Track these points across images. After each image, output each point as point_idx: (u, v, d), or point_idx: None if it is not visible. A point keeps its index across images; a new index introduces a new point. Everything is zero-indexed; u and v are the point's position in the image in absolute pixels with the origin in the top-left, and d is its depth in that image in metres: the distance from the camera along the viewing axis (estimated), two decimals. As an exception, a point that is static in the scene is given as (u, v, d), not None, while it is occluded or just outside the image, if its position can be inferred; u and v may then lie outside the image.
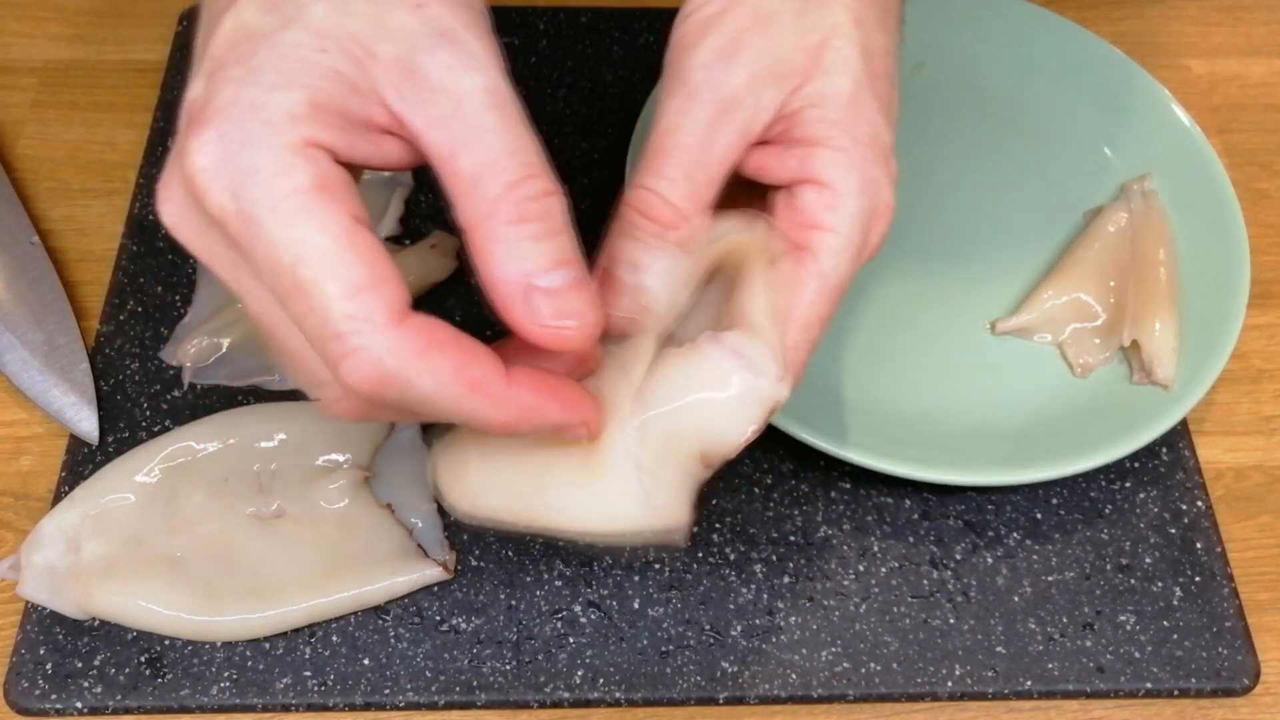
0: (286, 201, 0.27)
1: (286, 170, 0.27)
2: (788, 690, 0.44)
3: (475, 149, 0.29)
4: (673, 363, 0.35)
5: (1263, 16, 0.66)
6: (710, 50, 0.35)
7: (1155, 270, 0.51)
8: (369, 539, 0.45)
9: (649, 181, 0.35)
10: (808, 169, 0.35)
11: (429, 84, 0.29)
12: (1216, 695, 0.45)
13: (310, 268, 0.27)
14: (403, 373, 0.28)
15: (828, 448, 0.45)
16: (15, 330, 0.50)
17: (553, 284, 0.29)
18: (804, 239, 0.36)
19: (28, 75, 0.60)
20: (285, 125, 0.28)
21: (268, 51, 0.28)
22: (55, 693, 0.43)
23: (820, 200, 0.35)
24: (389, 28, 0.29)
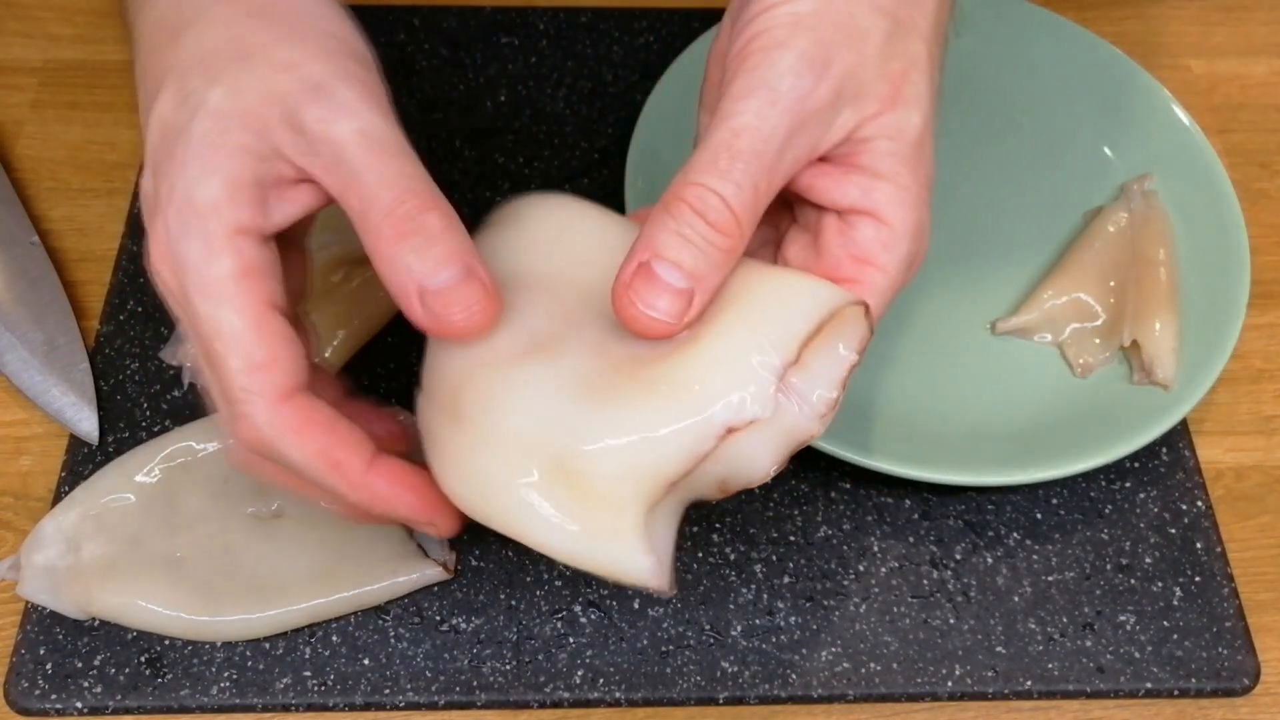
0: (212, 286, 0.33)
1: (213, 258, 0.33)
2: (788, 690, 0.44)
3: (357, 188, 0.33)
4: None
5: (1263, 16, 0.66)
6: (801, 56, 0.33)
7: (1155, 270, 0.51)
8: (369, 539, 0.45)
9: (713, 181, 0.33)
10: (871, 201, 0.35)
11: (312, 136, 0.33)
12: (1216, 695, 0.45)
13: (222, 342, 0.33)
14: (276, 443, 0.33)
15: (828, 448, 0.45)
16: (15, 330, 0.50)
17: (439, 283, 0.33)
18: (855, 273, 0.35)
19: (28, 75, 0.60)
20: (211, 215, 0.33)
21: (185, 145, 0.33)
22: (55, 693, 0.43)
23: (879, 237, 0.35)
24: (273, 94, 0.33)
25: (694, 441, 0.32)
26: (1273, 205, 0.59)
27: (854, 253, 0.35)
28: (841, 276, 0.35)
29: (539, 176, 0.56)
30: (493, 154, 0.57)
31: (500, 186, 0.56)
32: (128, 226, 0.54)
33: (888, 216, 0.35)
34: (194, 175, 0.33)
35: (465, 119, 0.58)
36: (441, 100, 0.59)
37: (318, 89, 0.33)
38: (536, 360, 0.34)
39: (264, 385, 0.33)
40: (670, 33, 0.61)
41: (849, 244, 0.35)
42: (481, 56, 0.60)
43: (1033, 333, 0.52)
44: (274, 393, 0.33)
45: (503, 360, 0.34)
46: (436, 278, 0.33)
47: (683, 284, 0.33)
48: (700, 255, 0.33)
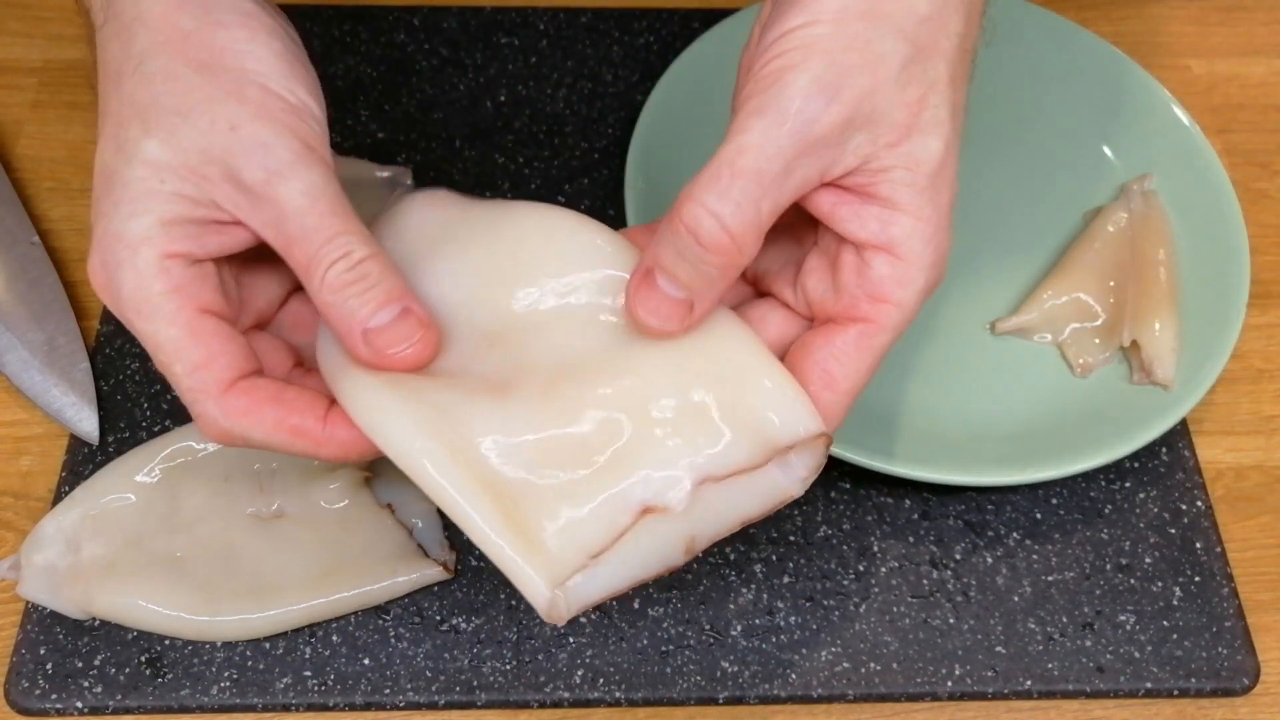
0: (144, 306, 0.35)
1: (144, 282, 0.35)
2: (788, 690, 0.44)
3: (300, 244, 0.35)
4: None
5: (1262, 17, 0.66)
6: (813, 79, 0.33)
7: (1155, 270, 0.51)
8: (369, 539, 0.45)
9: (710, 200, 0.34)
10: (888, 236, 0.35)
11: (255, 196, 0.35)
12: (1216, 695, 0.45)
13: (164, 353, 0.35)
14: (235, 428, 0.36)
15: (828, 448, 0.45)
16: (15, 330, 0.50)
17: (379, 323, 0.36)
18: (871, 311, 0.36)
19: (28, 75, 0.60)
20: (141, 247, 0.35)
21: (121, 188, 0.35)
22: (55, 692, 0.43)
23: (894, 274, 0.35)
24: (212, 151, 0.35)
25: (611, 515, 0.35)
26: (1272, 205, 0.59)
27: (870, 291, 0.35)
28: (858, 315, 0.36)
29: (539, 176, 0.56)
30: (493, 154, 0.57)
31: (500, 186, 0.56)
32: (128, 226, 0.54)
33: (904, 252, 0.35)
34: (126, 214, 0.35)
35: (465, 119, 0.58)
36: (441, 100, 0.59)
37: (262, 148, 0.35)
38: (493, 400, 0.36)
39: (206, 382, 0.35)
40: (670, 33, 0.61)
41: (866, 283, 0.35)
42: (481, 57, 0.60)
43: (1032, 333, 0.52)
44: (217, 386, 0.35)
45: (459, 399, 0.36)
46: (378, 317, 0.35)
47: (680, 295, 0.35)
48: (694, 271, 0.34)
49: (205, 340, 0.35)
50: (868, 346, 0.36)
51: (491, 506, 0.34)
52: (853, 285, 0.36)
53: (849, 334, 0.36)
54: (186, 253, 0.35)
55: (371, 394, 0.36)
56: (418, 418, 0.35)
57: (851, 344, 0.36)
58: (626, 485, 0.35)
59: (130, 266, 0.35)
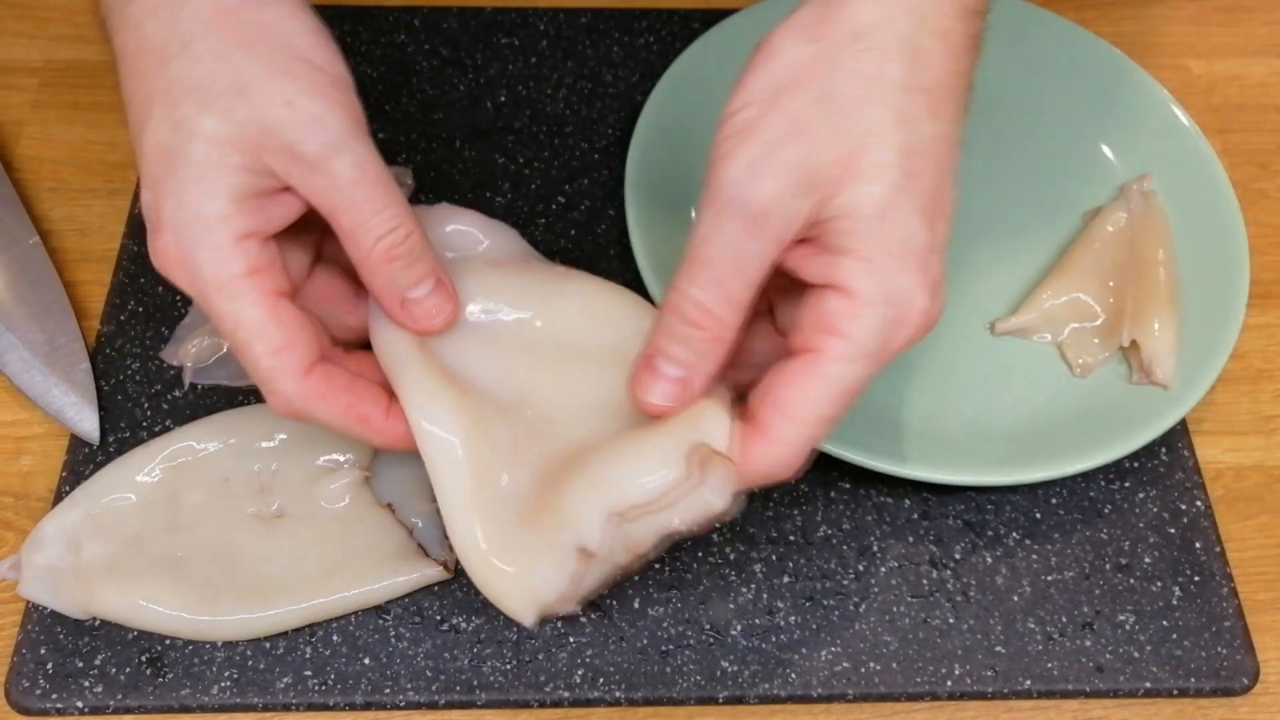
0: (226, 286, 0.37)
1: (224, 262, 0.37)
2: (787, 690, 0.44)
3: (350, 214, 0.38)
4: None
5: (1262, 17, 0.66)
6: (743, 164, 0.36)
7: (1154, 270, 0.51)
8: (369, 539, 0.45)
9: (684, 286, 0.38)
10: (833, 276, 0.37)
11: (309, 165, 0.37)
12: (1216, 695, 0.45)
13: (245, 332, 0.38)
14: (307, 409, 0.39)
15: (828, 448, 0.45)
16: (16, 330, 0.50)
17: (418, 295, 0.40)
18: (816, 342, 0.37)
19: (29, 75, 0.60)
20: (219, 225, 0.37)
21: (184, 165, 0.37)
22: (56, 692, 0.43)
23: (840, 308, 0.36)
24: (269, 125, 0.36)
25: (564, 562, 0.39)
26: (1272, 205, 0.59)
27: (818, 324, 0.37)
28: (808, 346, 0.37)
29: (539, 176, 0.56)
30: (493, 154, 0.57)
31: (500, 186, 0.56)
32: (128, 227, 0.54)
33: (850, 288, 0.36)
34: (198, 192, 0.37)
35: (465, 119, 0.58)
36: (441, 100, 0.59)
37: (316, 123, 0.37)
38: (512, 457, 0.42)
39: (288, 364, 0.38)
40: (670, 33, 0.61)
41: (816, 316, 0.37)
42: (482, 57, 0.60)
43: (1032, 333, 0.52)
44: (297, 369, 0.38)
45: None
46: (418, 290, 0.40)
47: (677, 373, 0.38)
48: (686, 348, 0.38)
49: (286, 324, 0.38)
50: (817, 375, 0.37)
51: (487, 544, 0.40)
52: (806, 319, 0.37)
53: (796, 362, 0.37)
54: (259, 230, 0.37)
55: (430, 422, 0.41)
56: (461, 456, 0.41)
57: (799, 371, 0.37)
58: (570, 533, 0.40)
59: (209, 246, 0.37)
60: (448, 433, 0.40)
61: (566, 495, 0.40)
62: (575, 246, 0.54)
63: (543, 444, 0.43)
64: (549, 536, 0.40)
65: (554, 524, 0.40)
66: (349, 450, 0.47)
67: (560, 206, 0.55)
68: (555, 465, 0.42)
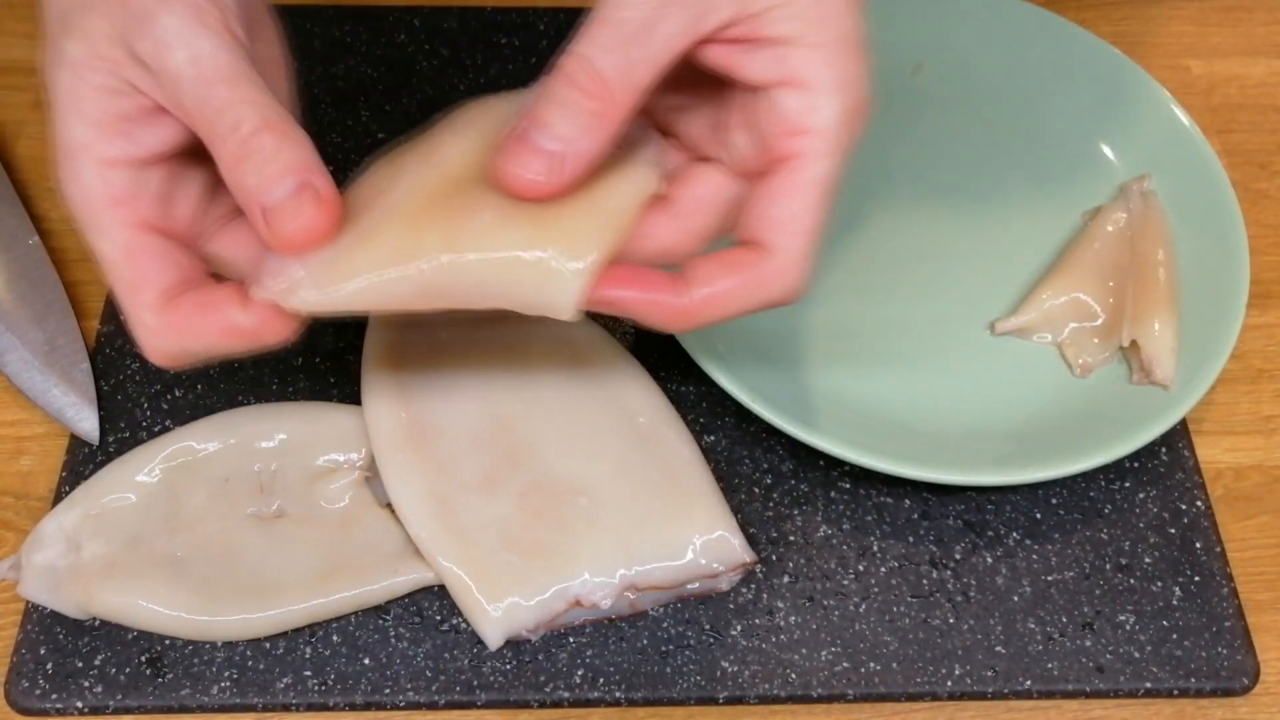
0: (90, 217, 0.35)
1: (87, 193, 0.35)
2: (787, 690, 0.44)
3: (197, 117, 0.34)
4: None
5: (1262, 17, 0.66)
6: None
7: (1154, 270, 0.51)
8: (369, 539, 0.45)
9: (582, 47, 0.35)
10: (784, 70, 0.35)
11: (152, 69, 0.34)
12: (1216, 695, 0.45)
13: (106, 268, 0.36)
14: (176, 346, 0.36)
15: (828, 448, 0.45)
16: (16, 330, 0.50)
17: (276, 199, 0.34)
18: (790, 147, 0.35)
19: (29, 75, 0.60)
20: (80, 153, 0.35)
21: (56, 96, 0.35)
22: (56, 692, 0.43)
23: (801, 104, 0.35)
24: (113, 32, 0.34)
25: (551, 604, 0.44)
26: (1272, 205, 0.59)
27: (785, 128, 0.35)
28: (782, 154, 0.35)
29: (539, 177, 0.56)
30: (493, 154, 0.57)
31: (500, 187, 0.56)
32: (128, 227, 0.54)
33: (805, 80, 0.35)
34: (64, 122, 0.35)
35: (465, 119, 0.58)
36: (442, 100, 0.59)
37: (146, 20, 0.34)
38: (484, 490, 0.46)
39: (137, 304, 0.36)
40: (670, 33, 0.61)
41: (779, 120, 0.35)
42: (482, 57, 0.60)
43: (1032, 333, 0.52)
44: (148, 308, 0.36)
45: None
46: (273, 194, 0.34)
47: (552, 146, 0.35)
48: (569, 120, 0.35)
49: (138, 259, 0.36)
50: (802, 181, 0.35)
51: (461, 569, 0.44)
52: (768, 127, 0.35)
53: (780, 176, 0.36)
54: (125, 157, 0.35)
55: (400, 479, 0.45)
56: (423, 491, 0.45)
57: (785, 184, 0.36)
58: (569, 584, 0.44)
59: (75, 178, 0.35)
60: (416, 497, 0.45)
61: (576, 555, 0.44)
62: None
63: (520, 472, 0.46)
64: (541, 581, 0.44)
65: (552, 571, 0.44)
66: (349, 450, 0.47)
67: (560, 206, 0.55)
68: (542, 496, 0.45)
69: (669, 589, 0.45)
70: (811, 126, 0.35)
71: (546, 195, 0.35)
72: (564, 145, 0.35)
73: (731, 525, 0.45)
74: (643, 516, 0.45)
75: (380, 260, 0.36)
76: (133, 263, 0.36)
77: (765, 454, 0.49)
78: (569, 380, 0.48)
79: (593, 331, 0.50)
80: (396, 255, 0.36)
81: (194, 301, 0.36)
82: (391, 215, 0.36)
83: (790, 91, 0.35)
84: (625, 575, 0.44)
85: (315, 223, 0.35)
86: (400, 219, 0.36)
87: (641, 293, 0.36)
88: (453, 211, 0.36)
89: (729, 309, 0.37)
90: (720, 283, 0.36)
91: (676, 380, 0.51)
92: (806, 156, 0.35)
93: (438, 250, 0.36)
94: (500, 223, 0.36)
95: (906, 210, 0.55)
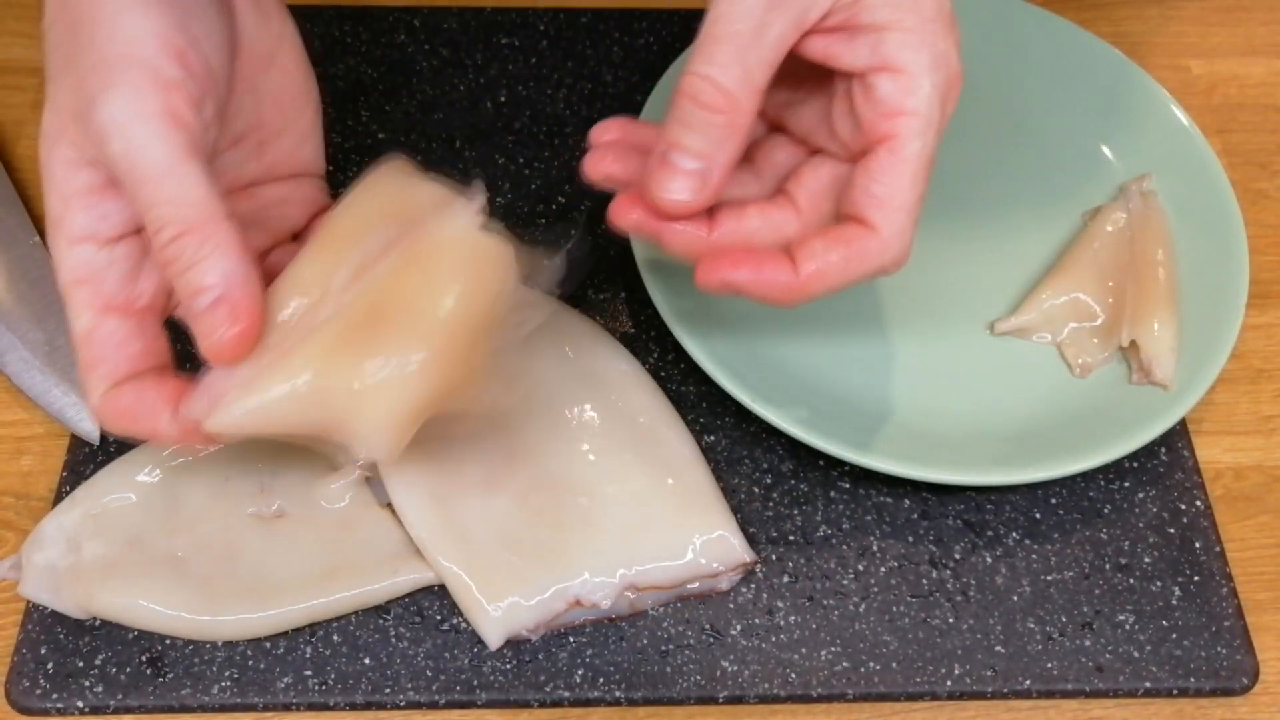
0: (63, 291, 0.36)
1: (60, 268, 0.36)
2: (787, 690, 0.44)
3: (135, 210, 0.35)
4: None
5: (1262, 17, 0.66)
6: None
7: (1154, 270, 0.51)
8: (369, 539, 0.45)
9: (700, 68, 0.37)
10: (880, 56, 0.37)
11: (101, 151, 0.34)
12: (1215, 695, 0.45)
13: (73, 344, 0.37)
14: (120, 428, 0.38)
15: (828, 448, 0.45)
16: (16, 330, 0.50)
17: (197, 309, 0.35)
18: (888, 128, 0.37)
19: (29, 75, 0.60)
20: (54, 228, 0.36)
21: (40, 167, 0.36)
22: (56, 692, 0.43)
23: (898, 86, 0.37)
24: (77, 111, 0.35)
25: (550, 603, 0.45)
26: (1271, 205, 0.59)
27: (883, 110, 0.37)
28: (881, 135, 0.38)
29: (539, 177, 0.56)
30: (493, 154, 0.57)
31: (500, 187, 0.56)
32: (128, 227, 0.54)
33: (900, 63, 0.37)
34: (44, 191, 0.36)
35: (465, 119, 0.58)
36: (442, 101, 0.59)
37: (90, 102, 0.34)
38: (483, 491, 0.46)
39: (92, 382, 0.37)
40: (670, 33, 0.61)
41: (877, 104, 0.37)
42: (482, 57, 0.60)
43: (1031, 333, 0.52)
44: (96, 390, 0.37)
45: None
46: (194, 303, 0.35)
47: (694, 165, 0.38)
48: (703, 137, 0.37)
49: (94, 342, 0.37)
50: (901, 159, 0.38)
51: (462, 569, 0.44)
52: (867, 111, 0.38)
53: (879, 155, 0.38)
54: (90, 234, 0.36)
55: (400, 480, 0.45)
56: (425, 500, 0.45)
57: (885, 162, 0.38)
58: (569, 583, 0.44)
59: (52, 247, 0.36)
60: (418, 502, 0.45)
61: (576, 554, 0.44)
62: (575, 247, 0.54)
63: (520, 472, 0.46)
64: (541, 581, 0.44)
65: (552, 571, 0.44)
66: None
67: (560, 206, 0.55)
68: (542, 496, 0.45)
69: (669, 589, 0.45)
70: (907, 108, 0.37)
71: (695, 210, 0.39)
72: (704, 162, 0.38)
73: (731, 525, 0.46)
74: (642, 516, 0.45)
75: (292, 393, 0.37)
76: (89, 346, 0.37)
77: (765, 454, 0.49)
78: (568, 380, 0.48)
79: (593, 331, 0.50)
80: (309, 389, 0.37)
81: (134, 396, 0.37)
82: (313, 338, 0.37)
83: (886, 75, 0.37)
84: (625, 575, 0.44)
85: (227, 341, 0.36)
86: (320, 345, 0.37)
87: (755, 273, 0.39)
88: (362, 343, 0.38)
89: (836, 282, 0.39)
90: (826, 257, 0.39)
91: (676, 380, 0.51)
92: (904, 136, 0.37)
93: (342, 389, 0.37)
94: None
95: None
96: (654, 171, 0.38)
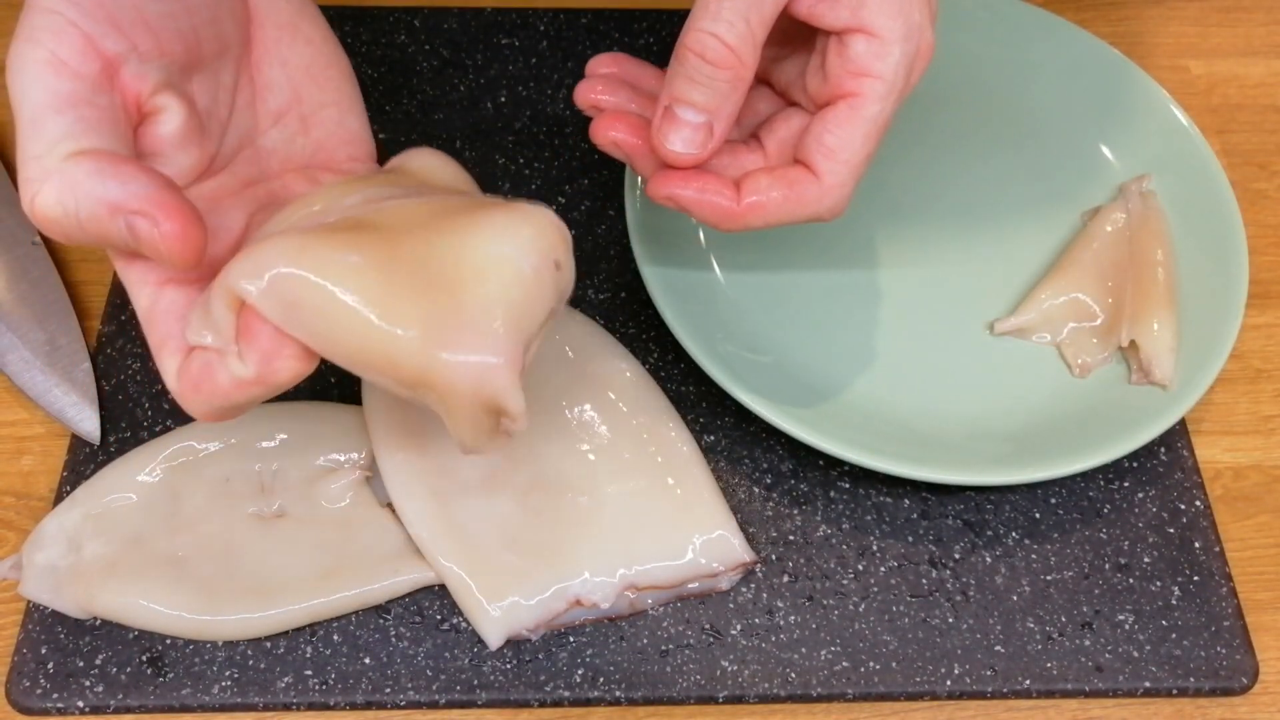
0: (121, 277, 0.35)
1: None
2: (787, 689, 0.44)
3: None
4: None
5: (1261, 17, 0.66)
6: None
7: (1153, 270, 0.52)
8: (369, 539, 0.45)
9: (706, 24, 0.38)
10: (859, 18, 0.39)
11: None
12: (1215, 694, 0.45)
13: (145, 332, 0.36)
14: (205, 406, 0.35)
15: (828, 448, 0.45)
16: (17, 330, 0.50)
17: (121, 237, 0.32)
18: (853, 86, 0.39)
19: (29, 76, 0.60)
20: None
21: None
22: (57, 692, 0.43)
23: (869, 49, 0.39)
24: None
25: (550, 603, 0.45)
26: (1271, 205, 0.59)
27: (851, 69, 0.39)
28: (844, 92, 0.40)
29: (539, 177, 0.56)
30: (493, 154, 0.57)
31: (500, 187, 0.56)
32: (129, 227, 0.54)
33: (875, 28, 0.39)
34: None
35: (465, 119, 0.58)
36: (442, 101, 0.59)
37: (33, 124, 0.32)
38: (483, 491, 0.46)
39: (165, 368, 0.35)
40: (670, 34, 0.62)
41: (847, 62, 0.39)
42: (482, 58, 0.60)
43: (1031, 333, 0.52)
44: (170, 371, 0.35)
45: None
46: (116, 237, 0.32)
47: (699, 119, 0.39)
48: (708, 90, 0.39)
49: (159, 319, 0.35)
50: (858, 117, 0.40)
51: (463, 570, 0.45)
52: (836, 67, 0.40)
53: (839, 108, 0.40)
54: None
55: (400, 479, 0.46)
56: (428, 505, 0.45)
57: (842, 116, 0.40)
58: (569, 583, 0.44)
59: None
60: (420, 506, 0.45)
61: (576, 554, 0.45)
62: (575, 247, 0.54)
63: (520, 472, 0.46)
64: (541, 580, 0.44)
65: (552, 571, 0.44)
66: (349, 450, 0.47)
67: (560, 207, 0.55)
68: (542, 496, 0.46)
69: (669, 588, 0.45)
70: (874, 70, 0.39)
71: (699, 161, 0.40)
72: (708, 116, 0.39)
73: (731, 525, 0.46)
74: (642, 516, 0.46)
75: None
76: (153, 325, 0.35)
77: (765, 454, 0.49)
78: (569, 380, 0.48)
79: (593, 331, 0.50)
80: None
81: (200, 360, 0.34)
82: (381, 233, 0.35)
83: (861, 37, 0.39)
84: (625, 575, 0.44)
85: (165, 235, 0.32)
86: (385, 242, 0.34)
87: (699, 194, 0.41)
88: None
89: (773, 217, 0.41)
90: (769, 193, 0.41)
91: (676, 380, 0.51)
92: (866, 96, 0.39)
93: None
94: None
95: (905, 210, 0.55)
96: (660, 125, 0.40)
